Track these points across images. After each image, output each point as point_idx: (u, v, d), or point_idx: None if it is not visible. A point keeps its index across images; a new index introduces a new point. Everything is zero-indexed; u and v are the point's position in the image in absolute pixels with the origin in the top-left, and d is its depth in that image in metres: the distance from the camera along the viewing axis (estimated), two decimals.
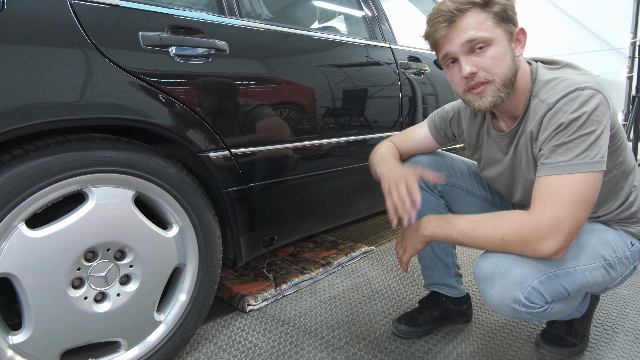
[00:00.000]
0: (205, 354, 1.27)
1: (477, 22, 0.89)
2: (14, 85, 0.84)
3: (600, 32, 6.47)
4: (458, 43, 0.91)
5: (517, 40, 0.94)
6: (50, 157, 0.91)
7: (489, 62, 0.90)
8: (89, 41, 0.96)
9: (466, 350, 1.26)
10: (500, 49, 0.90)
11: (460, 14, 0.90)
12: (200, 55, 1.16)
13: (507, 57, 0.91)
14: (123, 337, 1.08)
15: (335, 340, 1.33)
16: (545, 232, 0.85)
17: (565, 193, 0.85)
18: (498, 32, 0.90)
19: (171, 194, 1.11)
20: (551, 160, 0.88)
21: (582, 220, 0.86)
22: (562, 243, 0.85)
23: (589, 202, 0.85)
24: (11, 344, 0.91)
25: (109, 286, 1.03)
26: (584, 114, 0.85)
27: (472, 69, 0.91)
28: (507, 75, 0.92)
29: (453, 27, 0.91)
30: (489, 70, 0.91)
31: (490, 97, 0.93)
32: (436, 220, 1.01)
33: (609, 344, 1.26)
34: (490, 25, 0.90)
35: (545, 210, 0.85)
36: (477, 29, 0.89)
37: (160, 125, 1.07)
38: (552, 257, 0.87)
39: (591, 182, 0.85)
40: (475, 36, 0.89)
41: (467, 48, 0.91)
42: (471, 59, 0.91)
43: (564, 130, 0.86)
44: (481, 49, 0.90)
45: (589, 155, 0.85)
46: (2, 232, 0.87)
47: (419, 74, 2.02)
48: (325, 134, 1.55)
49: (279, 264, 1.89)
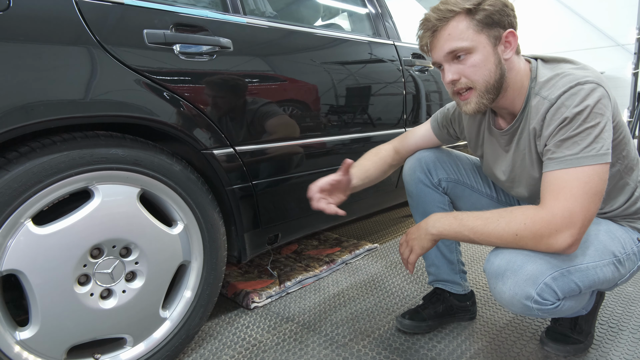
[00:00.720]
0: (210, 350, 1.28)
1: (458, 31, 0.92)
2: (20, 83, 0.84)
3: (605, 28, 6.43)
4: (440, 54, 0.96)
5: (507, 43, 0.94)
6: (57, 154, 0.92)
7: (469, 70, 0.94)
8: (94, 39, 0.96)
9: (471, 347, 1.26)
10: (481, 57, 0.93)
11: (442, 24, 0.93)
12: (205, 53, 1.16)
13: (490, 63, 0.93)
14: (129, 334, 1.08)
15: (340, 337, 1.33)
16: (559, 225, 0.85)
17: (576, 186, 0.85)
18: (480, 39, 0.92)
19: (176, 191, 1.12)
20: (558, 155, 0.88)
21: (593, 212, 0.86)
22: (576, 236, 0.85)
23: (599, 194, 0.86)
24: (18, 339, 0.92)
25: (115, 283, 1.03)
26: (587, 107, 0.85)
27: (453, 76, 0.96)
28: (489, 82, 0.94)
29: (436, 36, 0.95)
30: (469, 78, 0.95)
31: (473, 104, 0.97)
32: (444, 218, 1.00)
33: (614, 341, 1.26)
34: (471, 33, 0.92)
35: (558, 203, 0.85)
36: (457, 39, 0.92)
37: (165, 122, 1.07)
38: (566, 251, 0.87)
39: (600, 174, 0.85)
40: (455, 47, 0.93)
41: (450, 57, 0.95)
42: (454, 66, 0.96)
43: (568, 124, 0.87)
44: (462, 58, 0.94)
45: (596, 147, 0.85)
46: (10, 229, 0.88)
47: (423, 71, 2.02)
48: (329, 132, 1.55)
49: (283, 262, 1.90)
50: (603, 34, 6.42)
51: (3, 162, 0.87)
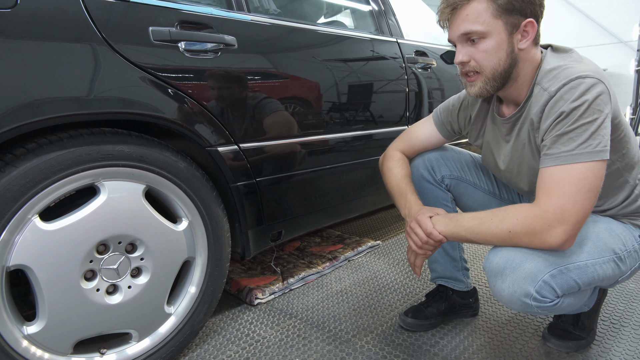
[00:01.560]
0: (214, 345, 1.29)
1: (476, 13, 0.91)
2: (27, 80, 0.85)
3: (608, 25, 6.40)
4: (455, 33, 0.96)
5: (525, 32, 0.93)
6: (63, 151, 0.92)
7: (480, 54, 0.94)
8: (100, 36, 0.96)
9: (473, 343, 1.27)
10: (494, 43, 0.92)
11: (463, 3, 0.92)
12: (209, 50, 1.17)
13: (501, 51, 0.93)
14: (134, 329, 1.09)
15: (343, 334, 1.34)
16: (551, 221, 0.85)
17: (569, 183, 0.85)
18: (497, 24, 0.91)
19: (181, 188, 1.13)
20: (553, 151, 0.88)
21: (588, 209, 0.86)
22: (570, 232, 0.85)
23: (593, 191, 0.86)
24: (26, 334, 0.93)
25: (121, 278, 1.04)
26: (585, 102, 0.85)
27: (463, 57, 0.96)
28: (497, 70, 0.94)
29: (455, 14, 0.95)
30: (478, 62, 0.95)
31: (477, 87, 0.98)
32: (443, 220, 1.01)
33: (616, 337, 1.26)
34: (489, 17, 0.91)
35: (550, 200, 0.86)
36: (473, 22, 0.92)
37: (170, 119, 1.08)
38: (561, 247, 0.88)
39: (595, 171, 0.85)
40: (470, 30, 0.92)
41: (464, 38, 0.95)
42: (466, 48, 0.96)
43: (565, 119, 0.87)
44: (476, 41, 0.93)
45: (592, 144, 0.85)
46: (17, 224, 0.89)
47: (426, 69, 2.02)
48: (333, 129, 1.56)
49: (286, 258, 1.90)
50: (606, 31, 6.40)
51: (11, 159, 0.88)
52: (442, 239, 1.00)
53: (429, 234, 1.01)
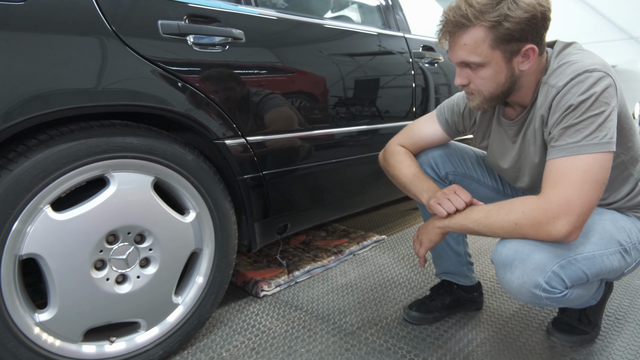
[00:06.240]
0: (221, 336, 1.31)
1: (473, 43, 0.90)
2: (38, 73, 0.87)
3: (617, 20, 6.33)
4: (454, 59, 0.96)
5: (526, 55, 0.92)
6: (74, 142, 0.94)
7: (479, 81, 0.96)
8: (111, 29, 0.98)
9: (477, 337, 1.28)
10: (493, 71, 0.93)
11: (460, 31, 0.91)
12: (217, 44, 1.18)
13: (500, 77, 0.94)
14: (143, 318, 1.11)
15: (347, 326, 1.35)
16: (556, 212, 0.85)
17: (575, 174, 0.85)
18: (494, 55, 0.91)
19: (189, 180, 1.14)
20: (560, 143, 0.88)
21: (594, 200, 0.86)
22: (575, 223, 0.86)
23: (599, 182, 0.86)
24: (38, 321, 0.95)
25: (130, 268, 1.06)
26: (593, 94, 0.85)
27: (462, 81, 0.98)
28: (496, 92, 0.96)
29: (453, 39, 0.94)
30: (477, 87, 0.97)
31: (476, 102, 1.00)
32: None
33: (620, 332, 1.27)
34: (486, 48, 0.90)
35: (555, 191, 0.86)
36: (470, 52, 0.91)
37: (178, 112, 1.09)
38: (566, 239, 0.88)
39: (601, 163, 0.85)
40: (467, 60, 0.93)
41: (462, 64, 0.96)
42: (465, 71, 0.97)
43: (573, 111, 0.87)
44: (474, 68, 0.94)
45: (598, 136, 0.85)
46: (29, 214, 0.90)
47: (433, 64, 2.02)
48: (339, 123, 1.56)
49: (291, 252, 1.92)
50: (615, 27, 6.32)
51: (23, 150, 0.90)
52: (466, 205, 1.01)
53: (469, 202, 1.01)
